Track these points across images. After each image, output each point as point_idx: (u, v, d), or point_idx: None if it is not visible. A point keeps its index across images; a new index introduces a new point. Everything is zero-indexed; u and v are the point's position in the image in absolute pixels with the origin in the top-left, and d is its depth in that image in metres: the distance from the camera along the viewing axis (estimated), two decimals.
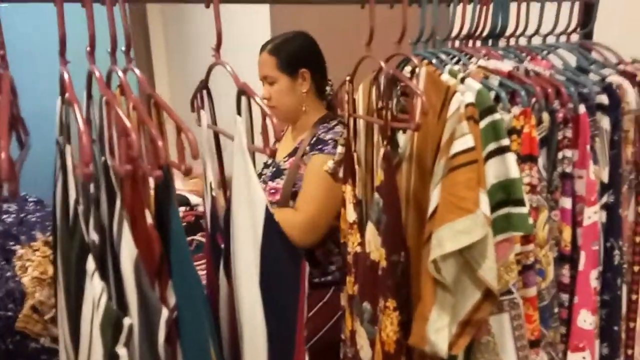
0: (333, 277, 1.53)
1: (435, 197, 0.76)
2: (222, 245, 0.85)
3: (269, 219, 0.71)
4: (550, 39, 1.11)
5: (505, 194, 0.75)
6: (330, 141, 1.40)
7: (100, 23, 0.69)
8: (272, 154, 0.64)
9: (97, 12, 0.68)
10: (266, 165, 1.61)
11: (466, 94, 0.73)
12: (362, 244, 1.00)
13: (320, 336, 1.51)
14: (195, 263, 1.16)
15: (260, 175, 1.59)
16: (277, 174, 1.50)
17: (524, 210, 0.74)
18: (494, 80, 0.83)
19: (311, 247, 1.44)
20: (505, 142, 0.74)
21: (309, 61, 1.48)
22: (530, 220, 0.75)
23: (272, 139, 0.64)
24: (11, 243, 1.47)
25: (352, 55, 0.97)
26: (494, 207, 0.76)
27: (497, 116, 0.74)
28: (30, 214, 1.83)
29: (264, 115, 0.63)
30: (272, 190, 1.49)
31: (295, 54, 1.47)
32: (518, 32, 1.07)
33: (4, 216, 1.75)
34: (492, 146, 0.74)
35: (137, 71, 0.69)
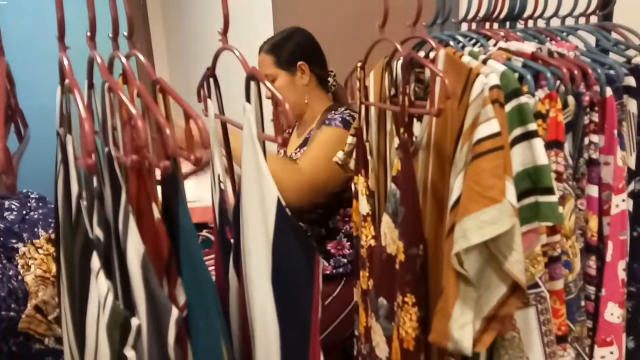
0: (344, 269, 1.51)
1: (457, 186, 0.72)
2: (232, 240, 0.81)
3: (281, 212, 0.67)
4: (569, 21, 1.06)
5: (531, 182, 0.71)
6: (338, 117, 1.38)
7: (100, 8, 0.65)
8: (284, 143, 0.60)
9: None
10: None
11: (490, 75, 0.69)
12: (376, 237, 0.96)
13: (331, 331, 1.49)
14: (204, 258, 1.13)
15: None
16: None
17: (554, 198, 0.70)
18: (517, 63, 0.79)
19: (301, 207, 1.42)
20: (533, 126, 0.70)
21: (306, 54, 1.49)
22: (560, 210, 0.71)
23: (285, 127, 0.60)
24: (13, 241, 1.44)
25: (355, 41, 0.93)
26: (520, 196, 0.72)
27: (523, 99, 0.70)
28: (33, 211, 1.79)
29: (276, 102, 0.59)
30: None
31: (291, 49, 1.48)
32: (536, 14, 1.03)
33: (6, 213, 1.71)
34: (518, 131, 0.70)
35: (141, 56, 0.65)
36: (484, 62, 0.74)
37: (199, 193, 1.83)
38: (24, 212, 1.79)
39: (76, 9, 0.94)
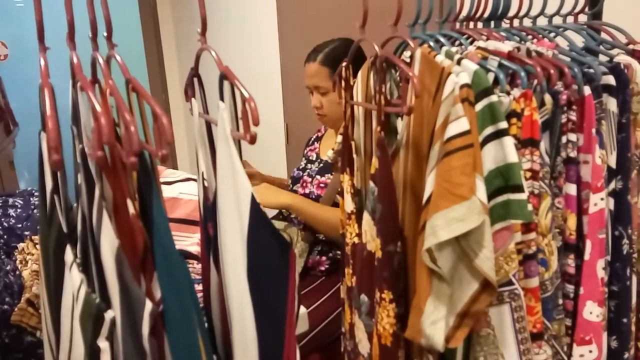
0: None
1: (429, 184, 0.72)
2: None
3: (255, 208, 0.69)
4: (557, 20, 1.06)
5: (504, 180, 0.72)
6: None
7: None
8: (253, 141, 0.61)
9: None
10: (310, 161, 1.63)
11: (461, 75, 0.69)
12: (359, 234, 0.97)
13: (330, 321, 1.50)
14: None
15: (304, 169, 1.60)
16: (325, 169, 1.51)
17: (523, 196, 0.70)
18: (493, 62, 0.79)
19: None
20: (503, 125, 0.70)
21: (358, 70, 1.48)
22: (530, 207, 0.71)
23: (252, 125, 0.61)
24: (14, 239, 1.48)
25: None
26: (493, 194, 0.72)
27: (494, 98, 0.71)
28: (37, 209, 1.83)
29: (243, 101, 0.61)
30: (322, 185, 1.51)
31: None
32: (522, 13, 1.03)
33: (10, 211, 1.75)
34: (489, 130, 0.71)
35: (118, 57, 0.67)
36: (459, 61, 0.75)
37: None
38: (29, 210, 1.83)
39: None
